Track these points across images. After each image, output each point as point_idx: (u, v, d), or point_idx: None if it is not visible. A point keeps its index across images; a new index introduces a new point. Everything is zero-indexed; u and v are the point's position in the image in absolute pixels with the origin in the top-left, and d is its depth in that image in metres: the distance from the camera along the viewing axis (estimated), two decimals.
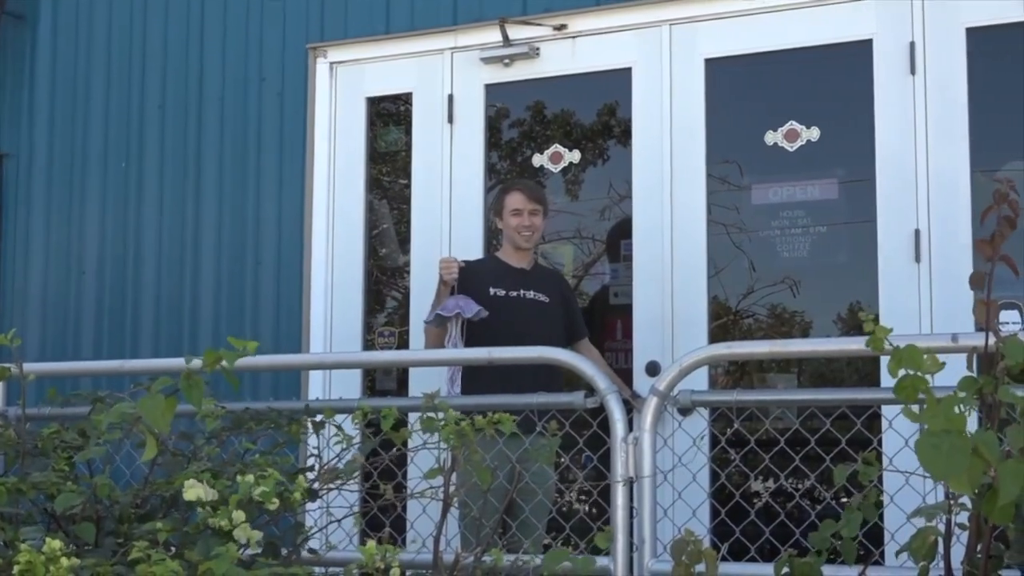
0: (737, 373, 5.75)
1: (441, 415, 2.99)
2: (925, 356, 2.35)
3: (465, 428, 2.98)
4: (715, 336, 5.50)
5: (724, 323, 5.71)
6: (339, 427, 3.29)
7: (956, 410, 2.20)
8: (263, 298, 6.17)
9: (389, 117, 6.41)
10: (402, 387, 6.00)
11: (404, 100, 6.26)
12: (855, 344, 3.23)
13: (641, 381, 5.36)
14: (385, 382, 6.24)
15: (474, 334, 5.08)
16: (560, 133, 6.13)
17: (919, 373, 2.33)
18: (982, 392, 2.36)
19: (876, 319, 2.48)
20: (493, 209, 5.44)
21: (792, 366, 5.62)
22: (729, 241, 5.63)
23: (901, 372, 2.35)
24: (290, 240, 6.15)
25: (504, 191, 5.38)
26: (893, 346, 2.36)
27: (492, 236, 5.76)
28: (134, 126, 6.63)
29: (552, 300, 5.27)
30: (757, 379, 5.73)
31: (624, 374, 5.48)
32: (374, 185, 6.36)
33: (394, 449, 3.29)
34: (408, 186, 6.10)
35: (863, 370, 5.30)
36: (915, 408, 2.30)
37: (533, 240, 5.31)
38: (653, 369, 5.34)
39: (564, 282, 5.59)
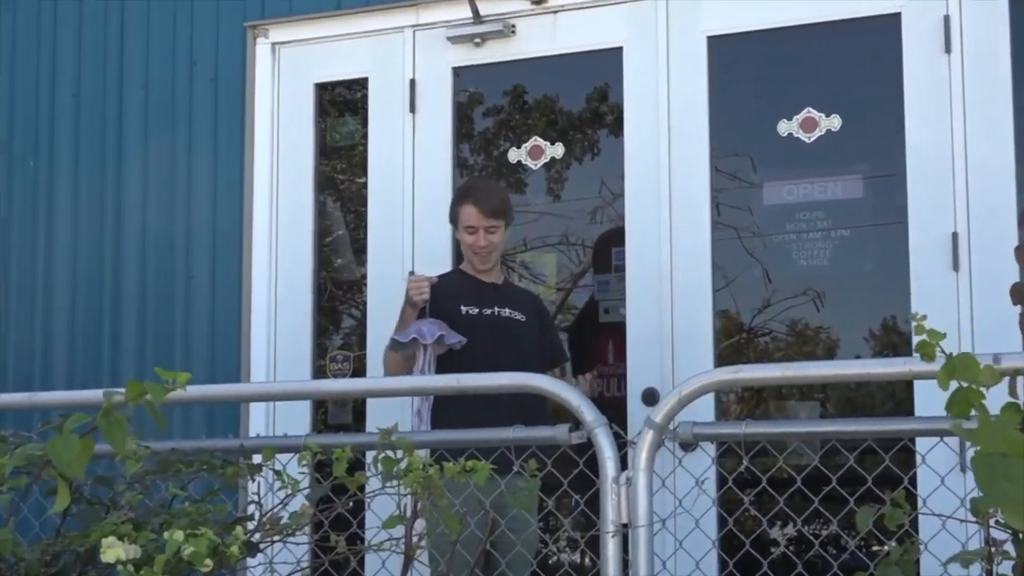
0: (753, 401, 5.76)
1: (401, 454, 2.98)
2: (983, 366, 2.36)
3: (432, 476, 2.97)
4: (726, 358, 5.51)
5: (736, 343, 5.72)
6: (279, 473, 3.28)
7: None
8: (195, 318, 6.15)
9: (343, 106, 6.41)
10: (360, 421, 5.99)
11: (359, 86, 6.27)
12: (882, 367, 3.24)
13: (637, 412, 5.37)
14: (339, 415, 6.23)
15: (445, 357, 5.08)
16: (541, 124, 6.14)
17: (974, 386, 2.34)
18: None
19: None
20: (450, 218, 5.43)
21: (817, 392, 5.63)
22: (738, 247, 5.65)
23: (953, 385, 2.36)
24: (227, 250, 6.14)
25: (458, 201, 5.36)
26: (946, 354, 2.37)
27: None
28: (44, 118, 6.61)
29: (528, 319, 5.28)
30: (776, 408, 5.74)
31: (617, 403, 5.49)
32: (326, 185, 6.36)
33: (347, 496, 3.28)
34: (367, 186, 6.11)
35: (898, 396, 5.32)
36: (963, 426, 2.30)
37: (492, 259, 5.30)
38: (651, 397, 5.35)
39: (539, 303, 5.58)
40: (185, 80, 6.34)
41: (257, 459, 3.56)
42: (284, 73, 6.26)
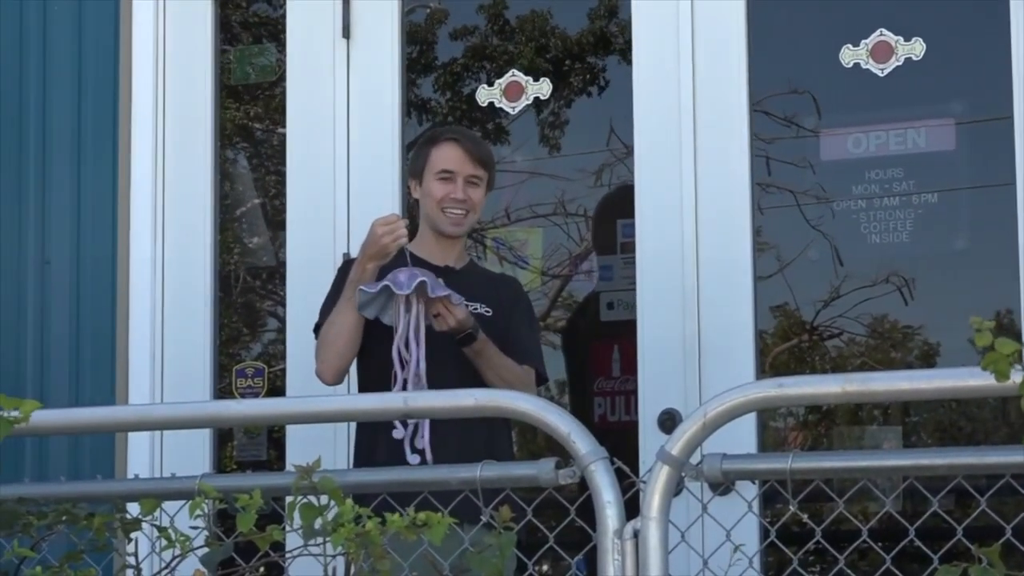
0: (821, 427, 5.78)
1: (326, 500, 3.01)
2: None
3: (371, 531, 2.99)
4: (781, 368, 5.52)
5: (795, 348, 5.75)
6: (163, 528, 3.31)
7: None
8: (53, 317, 6.14)
9: (258, 28, 6.42)
10: (280, 455, 6.01)
11: (275, 3, 6.28)
12: (978, 379, 3.26)
13: (652, 442, 5.38)
14: (250, 449, 6.25)
15: (371, 369, 5.07)
16: (525, 52, 6.16)
17: None
18: None
19: (996, 328, 2.50)
20: (410, 169, 5.39)
21: (907, 415, 5.65)
22: (792, 220, 5.68)
23: None
24: (96, 228, 6.14)
25: (431, 141, 5.31)
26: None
27: (415, 214, 5.78)
28: None
29: (495, 314, 5.20)
30: (850, 436, 5.76)
31: (626, 431, 5.51)
32: (237, 137, 6.36)
33: (257, 557, 3.31)
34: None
35: (1011, 418, 5.35)
36: None
37: (465, 224, 5.22)
38: (671, 422, 5.36)
39: (518, 290, 5.45)
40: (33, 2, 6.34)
41: (135, 509, 3.59)
42: None
